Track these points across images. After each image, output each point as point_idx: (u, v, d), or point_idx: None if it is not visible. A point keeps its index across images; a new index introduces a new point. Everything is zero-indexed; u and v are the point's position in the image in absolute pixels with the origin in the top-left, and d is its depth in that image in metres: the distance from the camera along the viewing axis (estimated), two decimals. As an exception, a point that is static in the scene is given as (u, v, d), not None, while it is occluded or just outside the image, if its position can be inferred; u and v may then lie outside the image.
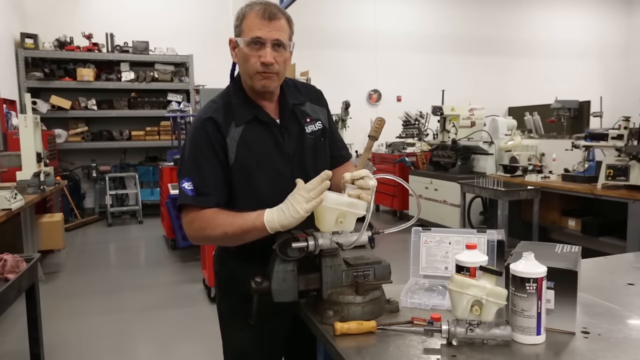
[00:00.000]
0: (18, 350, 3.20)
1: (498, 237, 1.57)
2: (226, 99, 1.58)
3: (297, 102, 1.63)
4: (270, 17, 1.45)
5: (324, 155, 1.66)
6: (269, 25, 1.45)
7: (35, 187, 4.58)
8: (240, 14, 1.50)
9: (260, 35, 1.45)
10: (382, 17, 9.88)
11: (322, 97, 1.74)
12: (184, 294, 4.37)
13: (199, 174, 1.49)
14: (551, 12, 10.98)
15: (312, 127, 1.63)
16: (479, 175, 5.80)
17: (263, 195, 1.53)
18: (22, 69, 7.36)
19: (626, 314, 1.41)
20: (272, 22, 1.46)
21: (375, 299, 1.39)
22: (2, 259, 2.19)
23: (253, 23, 1.46)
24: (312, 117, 1.65)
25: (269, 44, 1.45)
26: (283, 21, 1.49)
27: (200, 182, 1.48)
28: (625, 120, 4.31)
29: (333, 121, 1.76)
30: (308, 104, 1.66)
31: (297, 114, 1.62)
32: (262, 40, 1.45)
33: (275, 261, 1.37)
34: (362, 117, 8.60)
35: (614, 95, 9.69)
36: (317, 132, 1.64)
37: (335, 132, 1.76)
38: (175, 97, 8.05)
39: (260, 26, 1.45)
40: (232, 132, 1.52)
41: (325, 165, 1.62)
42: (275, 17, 1.46)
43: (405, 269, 1.68)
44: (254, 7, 1.48)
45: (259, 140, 1.54)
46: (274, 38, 1.46)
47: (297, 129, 1.61)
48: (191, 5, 8.76)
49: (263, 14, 1.45)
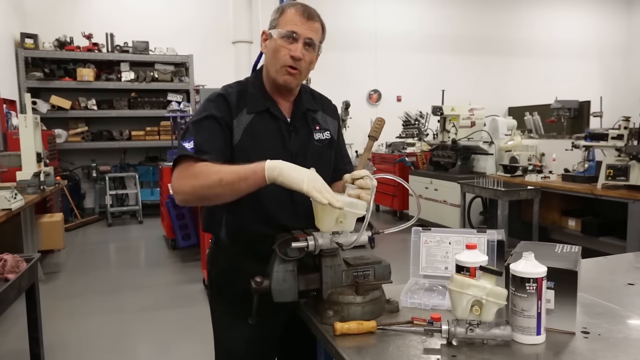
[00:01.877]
0: (18, 350, 3.20)
1: (498, 237, 1.57)
2: (243, 87, 1.60)
3: (311, 108, 1.65)
4: (309, 17, 1.52)
5: (327, 164, 1.64)
6: (306, 24, 1.51)
7: (35, 187, 4.58)
8: (280, 8, 1.55)
9: (296, 30, 1.50)
10: (382, 17, 9.88)
11: (336, 110, 1.77)
12: (184, 294, 4.37)
13: (202, 135, 1.45)
14: (551, 12, 10.98)
15: (320, 135, 1.64)
16: (479, 175, 5.80)
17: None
18: (22, 69, 7.36)
19: (626, 314, 1.41)
20: (310, 21, 1.52)
21: (375, 299, 1.39)
22: (2, 259, 2.19)
23: (292, 18, 1.51)
24: (322, 126, 1.66)
25: (301, 40, 1.50)
26: (319, 24, 1.55)
27: (203, 142, 1.43)
28: (625, 120, 4.31)
29: (342, 136, 1.78)
30: (320, 113, 1.68)
31: (308, 118, 1.63)
32: (296, 35, 1.50)
33: (275, 261, 1.37)
34: (362, 117, 8.60)
35: (614, 95, 9.69)
36: (325, 142, 1.65)
37: (342, 146, 1.77)
38: (175, 97, 8.05)
39: (298, 22, 1.50)
40: (241, 117, 1.53)
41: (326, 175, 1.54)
42: (313, 18, 1.53)
43: (405, 269, 1.68)
44: (295, 4, 1.55)
45: (266, 133, 1.54)
46: (307, 36, 1.51)
47: (306, 131, 1.61)
48: (191, 5, 8.76)
49: (303, 12, 1.52)
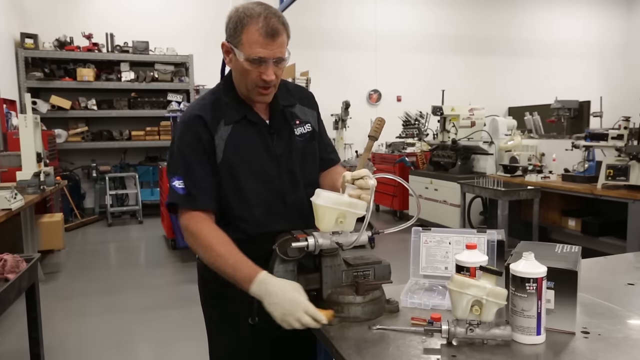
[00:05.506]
0: (18, 350, 3.20)
1: (498, 237, 1.57)
2: (216, 97, 1.56)
3: (288, 104, 1.62)
4: (273, 35, 1.39)
5: (312, 158, 1.65)
6: (272, 44, 1.40)
7: (35, 187, 4.58)
8: (239, 23, 1.41)
9: (263, 55, 1.40)
10: (382, 17, 9.87)
11: (313, 99, 1.72)
12: (184, 294, 4.38)
13: (189, 174, 1.48)
14: (551, 13, 10.97)
15: (302, 129, 1.62)
16: (479, 175, 5.79)
17: (249, 194, 1.53)
18: (22, 69, 7.35)
19: (626, 314, 1.41)
20: (275, 40, 1.40)
21: (375, 299, 1.39)
22: (2, 259, 2.19)
23: (256, 40, 1.39)
24: (302, 119, 1.64)
25: (270, 61, 1.42)
26: (284, 35, 1.43)
27: (192, 182, 1.47)
28: (625, 120, 4.30)
29: (323, 124, 1.74)
30: (298, 105, 1.65)
31: (286, 115, 1.60)
32: (264, 59, 1.41)
33: (275, 261, 1.37)
34: (362, 117, 8.60)
35: (614, 95, 9.69)
36: (306, 135, 1.63)
37: (324, 135, 1.74)
38: (175, 97, 8.06)
39: (263, 45, 1.39)
40: (221, 131, 1.51)
41: (313, 168, 1.63)
42: (277, 33, 1.40)
43: (405, 269, 1.68)
44: (255, 19, 1.39)
45: (248, 140, 1.53)
46: (276, 57, 1.42)
47: (287, 130, 1.60)
48: (191, 5, 8.76)
49: (266, 32, 1.38)
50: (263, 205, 1.54)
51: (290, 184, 1.57)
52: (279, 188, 1.56)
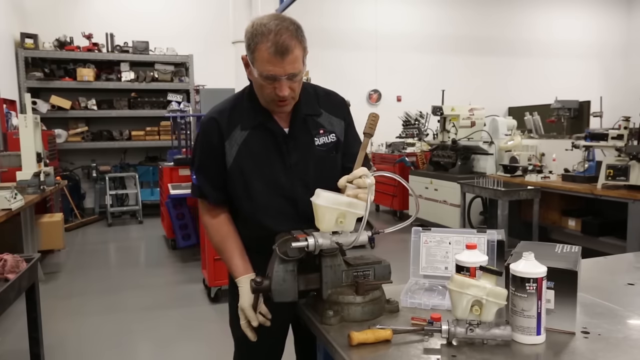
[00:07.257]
0: (18, 350, 3.20)
1: (498, 237, 1.57)
2: (239, 101, 1.58)
3: (312, 113, 1.59)
4: (283, 53, 1.36)
5: (332, 168, 1.60)
6: (282, 62, 1.37)
7: (35, 187, 4.58)
8: (252, 40, 1.39)
9: (275, 73, 1.39)
10: (383, 17, 9.88)
11: (343, 107, 1.69)
12: (184, 294, 4.37)
13: (201, 170, 1.61)
14: (551, 13, 10.97)
15: (325, 139, 1.59)
16: (479, 175, 5.79)
17: (259, 199, 1.55)
18: (22, 69, 7.36)
19: (626, 314, 1.41)
20: (285, 57, 1.37)
21: (375, 299, 1.39)
22: (2, 259, 2.19)
23: (267, 59, 1.37)
24: (327, 129, 1.61)
25: (283, 78, 1.40)
26: (297, 50, 1.39)
27: (203, 178, 1.60)
28: (625, 120, 4.30)
29: (352, 133, 1.69)
30: (325, 114, 1.62)
31: (309, 124, 1.58)
32: (276, 76, 1.40)
33: (275, 261, 1.37)
34: (362, 117, 8.39)
35: (614, 95, 9.69)
36: (329, 145, 1.60)
37: (352, 144, 1.64)
38: (175, 97, 8.05)
39: (273, 63, 1.37)
40: (235, 136, 1.53)
41: (332, 178, 1.47)
42: (288, 51, 1.36)
43: (405, 269, 1.68)
44: (265, 37, 1.36)
45: (262, 147, 1.54)
46: (287, 73, 1.39)
47: (306, 139, 1.57)
48: (191, 5, 8.76)
49: (276, 50, 1.35)
50: (274, 210, 1.55)
51: (304, 193, 1.51)
52: (291, 196, 1.55)
